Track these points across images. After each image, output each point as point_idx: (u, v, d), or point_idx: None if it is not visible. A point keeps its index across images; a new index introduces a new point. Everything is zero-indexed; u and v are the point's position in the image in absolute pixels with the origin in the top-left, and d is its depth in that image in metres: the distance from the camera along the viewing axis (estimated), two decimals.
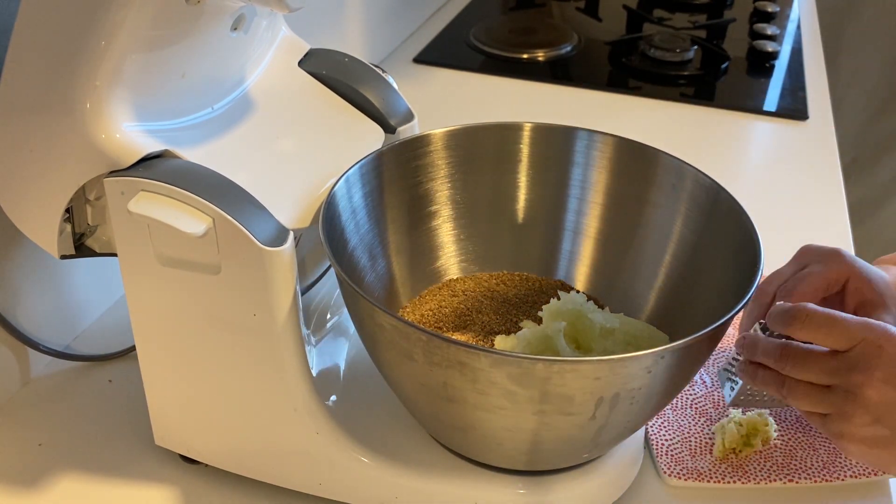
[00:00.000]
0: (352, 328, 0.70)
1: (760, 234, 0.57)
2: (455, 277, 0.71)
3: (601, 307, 0.66)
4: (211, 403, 0.61)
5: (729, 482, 0.65)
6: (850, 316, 0.54)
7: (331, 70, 0.67)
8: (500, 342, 0.63)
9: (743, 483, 0.65)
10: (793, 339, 0.56)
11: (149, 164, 0.53)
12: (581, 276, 0.70)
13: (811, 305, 0.55)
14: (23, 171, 0.57)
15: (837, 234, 0.97)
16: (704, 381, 0.74)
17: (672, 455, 0.67)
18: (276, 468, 0.62)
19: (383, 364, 0.56)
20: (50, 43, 0.52)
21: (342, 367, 0.67)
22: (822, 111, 1.23)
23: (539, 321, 0.66)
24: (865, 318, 0.54)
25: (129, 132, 0.53)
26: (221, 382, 0.59)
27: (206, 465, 0.65)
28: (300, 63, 0.67)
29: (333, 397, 0.64)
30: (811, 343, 0.55)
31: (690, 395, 0.72)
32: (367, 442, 0.60)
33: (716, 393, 0.73)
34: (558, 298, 0.61)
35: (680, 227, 0.64)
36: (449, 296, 0.69)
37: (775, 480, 0.65)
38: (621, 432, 0.56)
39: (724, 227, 0.61)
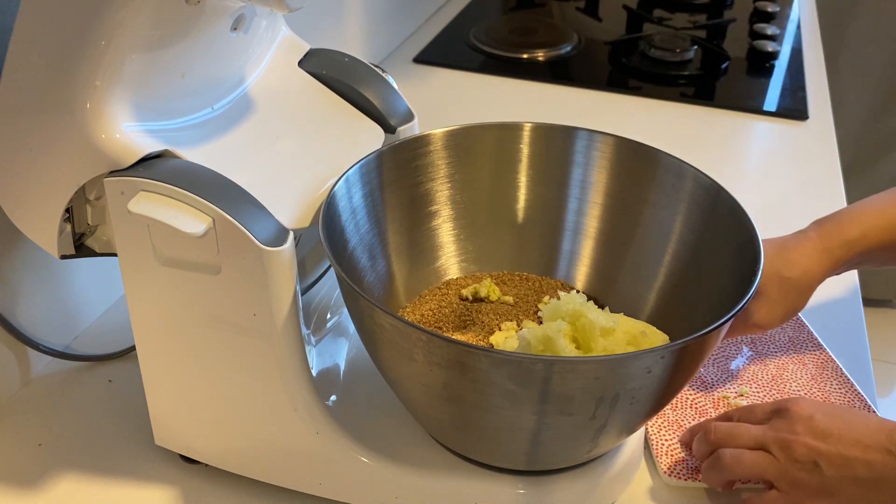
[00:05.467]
0: (352, 328, 0.70)
1: (760, 234, 0.57)
2: (455, 277, 0.71)
3: (601, 307, 0.66)
4: (211, 403, 0.61)
5: None
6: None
7: (331, 70, 0.67)
8: (500, 342, 0.63)
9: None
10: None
11: (149, 164, 0.53)
12: (581, 276, 0.70)
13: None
14: (23, 172, 0.57)
15: None
16: (704, 381, 0.74)
17: (672, 455, 0.67)
18: (276, 468, 0.62)
19: (383, 364, 0.56)
20: (50, 43, 0.52)
21: (342, 367, 0.67)
22: (822, 111, 1.23)
23: (539, 321, 0.66)
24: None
25: (129, 132, 0.53)
26: (221, 382, 0.59)
27: (206, 465, 0.65)
28: (300, 63, 0.67)
29: (333, 397, 0.64)
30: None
31: (690, 395, 0.72)
32: (367, 442, 0.60)
33: (716, 393, 0.73)
34: (558, 298, 0.61)
35: (680, 227, 0.64)
36: (449, 296, 0.69)
37: None
38: (621, 432, 0.56)
39: (724, 227, 0.61)
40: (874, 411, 0.71)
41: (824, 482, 0.58)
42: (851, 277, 0.89)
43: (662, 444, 0.68)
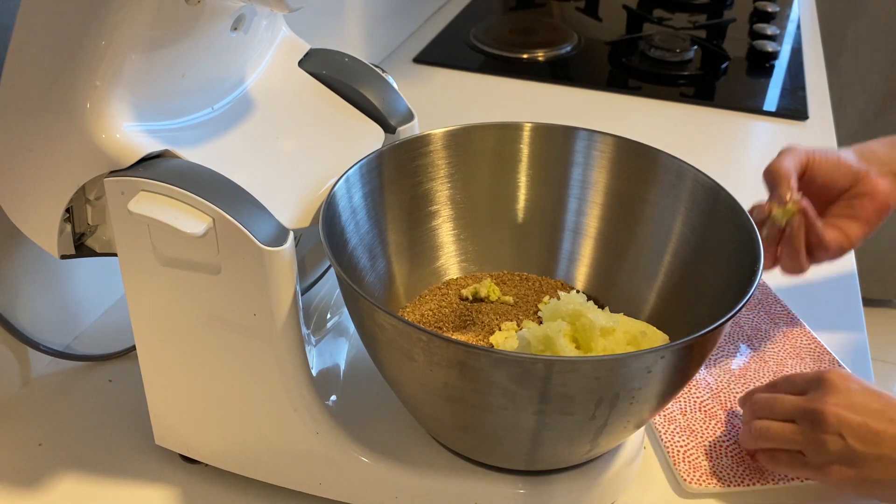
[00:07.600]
0: (352, 328, 0.70)
1: (760, 235, 0.57)
2: (455, 277, 0.71)
3: (601, 307, 0.66)
4: (211, 403, 0.61)
5: (749, 484, 0.65)
6: (796, 374, 0.66)
7: (331, 70, 0.67)
8: (500, 342, 0.63)
9: (762, 484, 0.65)
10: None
11: (149, 164, 0.53)
12: (581, 276, 0.70)
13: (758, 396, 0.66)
14: (23, 172, 0.57)
15: None
16: (709, 384, 0.74)
17: (690, 462, 0.66)
18: (276, 468, 0.62)
19: (383, 364, 0.56)
20: (50, 43, 0.52)
21: (342, 367, 0.67)
22: (822, 111, 1.23)
23: (539, 321, 0.67)
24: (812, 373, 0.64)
25: (129, 132, 0.53)
26: (221, 382, 0.59)
27: (206, 465, 0.65)
28: (300, 63, 0.67)
29: (333, 397, 0.64)
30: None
31: (697, 398, 0.72)
32: (367, 442, 0.60)
33: (721, 394, 0.73)
34: (558, 298, 0.61)
35: (680, 226, 0.64)
36: (449, 296, 0.69)
37: (793, 479, 0.65)
38: (621, 432, 0.56)
39: (724, 227, 0.61)
40: None
41: (849, 453, 0.58)
42: (851, 278, 0.89)
43: (679, 451, 0.67)
